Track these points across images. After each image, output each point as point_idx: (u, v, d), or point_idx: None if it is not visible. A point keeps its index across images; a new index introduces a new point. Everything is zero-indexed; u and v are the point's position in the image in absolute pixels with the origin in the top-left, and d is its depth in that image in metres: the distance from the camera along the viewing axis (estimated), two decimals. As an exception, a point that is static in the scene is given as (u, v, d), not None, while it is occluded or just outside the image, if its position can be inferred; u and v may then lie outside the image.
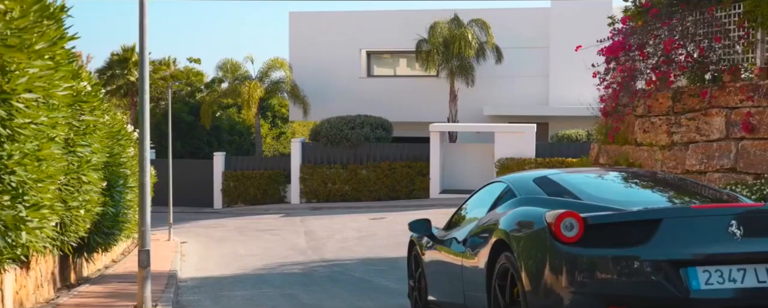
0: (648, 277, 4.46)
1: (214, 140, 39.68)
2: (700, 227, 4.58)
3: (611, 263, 4.53)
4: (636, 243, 4.54)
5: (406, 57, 35.00)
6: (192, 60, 41.67)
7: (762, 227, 4.60)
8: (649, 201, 5.21)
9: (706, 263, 4.48)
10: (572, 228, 4.60)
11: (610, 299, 4.48)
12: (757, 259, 4.47)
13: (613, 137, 13.98)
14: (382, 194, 30.15)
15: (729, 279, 4.45)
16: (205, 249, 20.18)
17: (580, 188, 5.47)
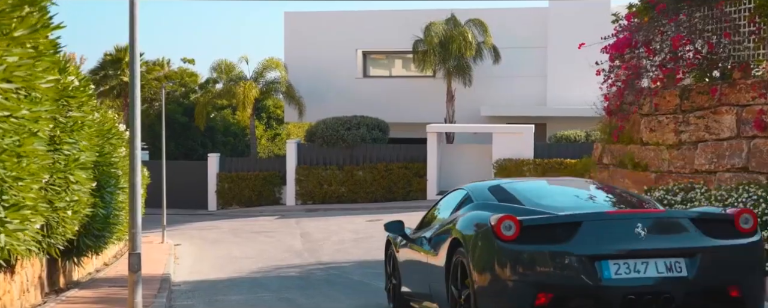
0: (570, 268, 5.48)
1: (208, 142, 39.25)
2: (612, 228, 5.64)
3: (541, 257, 5.57)
4: (561, 240, 5.59)
5: (403, 57, 34.64)
6: (186, 61, 41.32)
7: (662, 229, 5.69)
8: (578, 207, 6.23)
9: (615, 257, 5.49)
10: (510, 229, 5.64)
11: (540, 286, 5.50)
12: (657, 254, 5.51)
13: (617, 136, 13.64)
14: (379, 196, 29.78)
15: (634, 271, 5.49)
16: (200, 251, 19.79)
17: (524, 195, 6.53)
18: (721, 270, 5.60)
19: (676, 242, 5.66)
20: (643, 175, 12.79)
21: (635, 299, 5.40)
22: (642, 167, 12.81)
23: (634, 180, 13.09)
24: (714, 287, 5.60)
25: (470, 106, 32.20)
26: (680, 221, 5.87)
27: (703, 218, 5.86)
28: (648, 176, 12.63)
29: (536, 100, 32.94)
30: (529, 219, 5.78)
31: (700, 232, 5.69)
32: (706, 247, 5.62)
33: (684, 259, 5.53)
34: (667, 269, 5.50)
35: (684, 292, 5.48)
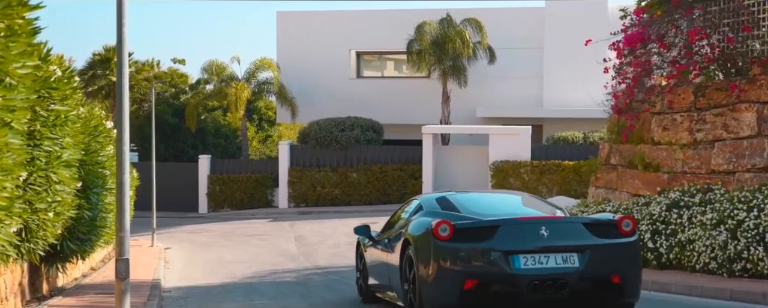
0: (490, 261, 6.89)
1: (199, 143, 38.56)
2: (523, 230, 7.03)
3: (469, 252, 6.98)
4: (484, 239, 6.99)
5: (397, 58, 34.06)
6: (176, 61, 40.63)
7: (560, 231, 7.04)
8: (500, 214, 7.52)
9: (524, 252, 6.86)
10: (446, 231, 7.01)
11: (467, 275, 6.88)
12: (556, 250, 6.89)
13: (627, 135, 13.13)
14: (373, 198, 29.19)
15: (538, 262, 6.88)
16: (190, 255, 19.17)
17: (462, 204, 7.91)
18: (605, 262, 7.03)
19: (571, 241, 7.03)
20: (654, 176, 12.28)
21: (539, 284, 6.83)
22: (653, 167, 12.30)
23: (644, 181, 12.58)
24: (600, 275, 7.01)
25: (466, 107, 31.66)
26: (575, 225, 7.38)
27: (593, 223, 7.29)
28: (660, 177, 12.12)
29: (532, 101, 32.43)
30: (460, 223, 7.17)
31: (590, 233, 7.09)
32: (594, 245, 7.02)
33: (576, 254, 6.94)
34: (563, 261, 6.91)
35: (576, 279, 6.88)
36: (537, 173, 27.35)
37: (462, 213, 7.57)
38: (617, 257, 7.06)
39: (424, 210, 7.98)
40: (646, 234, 10.81)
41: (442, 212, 7.69)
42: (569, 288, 6.80)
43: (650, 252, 10.75)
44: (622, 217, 7.27)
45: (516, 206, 8.07)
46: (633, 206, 11.57)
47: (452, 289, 6.89)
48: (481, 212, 7.52)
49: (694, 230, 9.90)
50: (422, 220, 7.52)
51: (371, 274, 8.98)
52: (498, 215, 7.40)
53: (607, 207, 12.25)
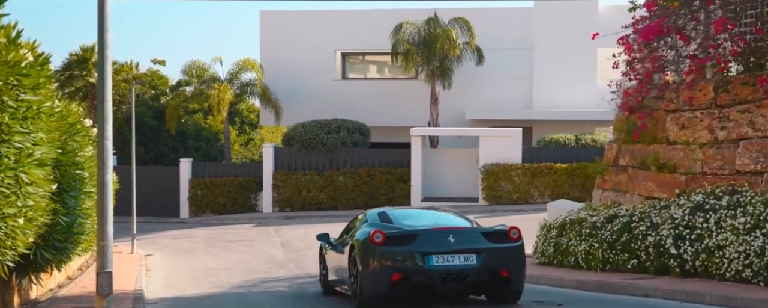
0: (411, 260, 8.84)
1: (179, 146, 37.53)
2: (436, 237, 8.99)
3: (396, 254, 8.92)
4: (408, 244, 8.96)
5: (384, 58, 33.25)
6: (156, 62, 39.50)
7: (463, 238, 9.02)
8: (423, 225, 9.49)
9: (436, 253, 8.83)
10: (379, 238, 8.94)
11: (394, 270, 8.83)
12: (459, 252, 8.88)
13: (638, 135, 12.40)
14: (360, 202, 28.36)
15: (446, 261, 8.87)
16: (173, 262, 18.26)
17: (396, 217, 9.91)
18: (496, 260, 9.07)
19: (471, 245, 9.05)
20: (670, 177, 11.57)
21: (446, 277, 8.85)
22: (669, 168, 11.59)
23: (659, 183, 11.87)
24: (492, 270, 9.09)
25: (454, 109, 30.95)
26: (475, 233, 9.32)
27: (488, 232, 9.38)
28: (676, 179, 11.41)
29: (522, 103, 31.79)
30: (390, 232, 9.18)
31: (486, 240, 9.17)
32: (488, 248, 9.10)
33: (475, 255, 8.99)
34: (465, 260, 8.94)
35: (474, 273, 8.93)
36: (528, 176, 26.68)
37: (394, 225, 9.64)
38: (506, 257, 9.19)
39: (367, 222, 10.01)
40: (667, 240, 10.09)
41: (380, 223, 9.76)
42: (469, 280, 8.96)
43: (673, 259, 10.03)
44: (510, 227, 9.43)
45: (436, 219, 10.11)
46: (649, 209, 10.86)
47: (383, 281, 8.95)
48: (408, 224, 9.67)
49: (724, 235, 9.19)
50: (364, 230, 9.48)
51: (330, 272, 11.02)
52: (420, 226, 9.53)
53: (621, 211, 11.53)
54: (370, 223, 9.76)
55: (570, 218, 12.94)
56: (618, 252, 11.19)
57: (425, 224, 9.55)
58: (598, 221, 11.85)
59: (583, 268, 12.07)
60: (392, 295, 8.99)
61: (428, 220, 9.90)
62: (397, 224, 9.57)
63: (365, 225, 9.72)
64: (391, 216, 9.94)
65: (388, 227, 9.31)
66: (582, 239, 12.11)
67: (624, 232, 11.06)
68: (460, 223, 9.72)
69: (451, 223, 9.69)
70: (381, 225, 9.46)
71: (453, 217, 10.17)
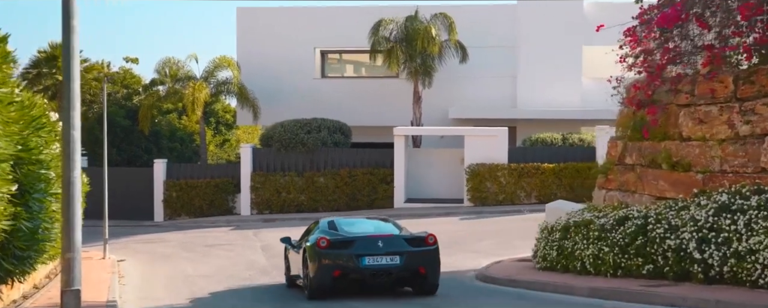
0: (349, 260, 11.11)
1: (153, 147, 36.33)
2: (368, 242, 11.24)
3: (337, 255, 11.19)
4: (346, 248, 11.23)
5: (364, 56, 32.35)
6: (129, 60, 38.30)
7: (390, 243, 11.25)
8: (360, 232, 11.70)
9: (368, 255, 11.06)
10: (324, 242, 11.21)
11: (335, 268, 11.07)
12: (386, 254, 11.08)
13: (648, 132, 11.65)
14: (342, 204, 27.48)
15: (376, 261, 11.06)
16: (148, 268, 17.26)
17: (341, 226, 12.06)
18: (415, 261, 11.16)
19: (395, 249, 11.18)
20: (684, 176, 10.82)
21: (375, 273, 10.99)
22: (683, 166, 10.84)
23: (672, 182, 11.12)
24: (412, 268, 11.18)
25: (437, 108, 30.17)
26: (399, 239, 11.42)
27: (410, 238, 11.49)
28: (692, 178, 10.67)
29: (506, 102, 31.07)
30: (333, 238, 11.37)
31: (407, 244, 11.33)
32: (409, 251, 11.23)
33: (398, 256, 11.11)
34: (390, 260, 11.07)
35: (397, 271, 11.10)
36: (515, 176, 25.95)
37: (338, 232, 11.79)
38: (423, 258, 11.29)
39: (319, 228, 12.15)
40: (690, 243, 9.32)
41: (327, 230, 11.92)
42: (393, 276, 11.18)
43: (697, 264, 9.27)
44: (428, 234, 11.67)
45: (372, 227, 12.14)
46: (665, 210, 10.09)
47: (327, 276, 11.13)
48: (349, 231, 11.84)
49: (758, 238, 8.44)
50: (315, 236, 11.62)
51: (292, 269, 12.82)
52: (357, 233, 11.66)
53: (632, 212, 10.77)
54: (320, 230, 12.06)
55: (574, 219, 12.17)
56: (631, 256, 10.42)
57: (362, 232, 11.80)
58: (607, 223, 11.08)
59: (591, 273, 11.30)
60: (334, 288, 11.33)
61: (366, 228, 12.12)
62: (341, 231, 11.90)
63: (317, 231, 12.04)
64: (337, 225, 12.23)
65: (332, 234, 11.66)
66: (590, 242, 11.34)
67: (638, 235, 10.29)
68: (391, 231, 11.92)
69: (383, 231, 11.87)
70: (328, 232, 11.80)
71: (386, 225, 12.38)
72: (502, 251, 17.03)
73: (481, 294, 11.51)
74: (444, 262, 15.42)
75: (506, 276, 12.43)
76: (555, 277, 11.66)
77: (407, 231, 12.06)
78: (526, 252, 16.02)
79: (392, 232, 11.71)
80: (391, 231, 11.80)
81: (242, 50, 32.20)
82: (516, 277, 12.20)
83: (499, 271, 13.30)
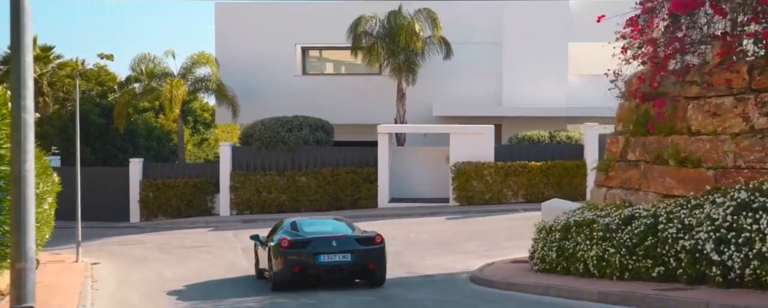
0: (307, 257, 12.55)
1: (129, 146, 35.36)
2: (324, 242, 12.68)
3: (297, 254, 12.59)
4: (305, 247, 12.66)
5: (346, 53, 31.60)
6: (104, 56, 37.30)
7: (343, 243, 12.67)
8: (317, 233, 13.16)
9: (323, 253, 12.50)
10: (285, 242, 12.60)
11: (295, 264, 12.47)
12: (339, 252, 12.52)
13: (654, 126, 11.04)
14: (324, 204, 26.74)
15: (330, 258, 12.49)
16: (123, 272, 16.44)
17: (301, 226, 13.45)
18: (365, 258, 12.57)
19: (347, 247, 12.61)
20: (694, 173, 10.22)
21: (330, 269, 12.47)
22: (692, 162, 10.24)
23: (680, 179, 10.52)
24: (362, 265, 12.62)
25: (421, 105, 29.52)
26: (351, 239, 12.82)
27: (360, 238, 12.88)
28: (702, 174, 10.07)
29: (491, 99, 30.47)
30: (293, 238, 12.79)
31: (358, 243, 12.72)
32: (358, 249, 12.62)
33: (349, 254, 12.53)
34: (343, 258, 12.50)
35: (349, 266, 12.57)
36: (501, 175, 25.34)
37: (299, 232, 13.11)
38: (371, 255, 12.56)
39: (283, 228, 13.43)
40: (706, 244, 8.71)
41: (290, 230, 13.22)
42: (345, 271, 12.51)
43: (715, 266, 8.66)
44: (375, 234, 12.92)
45: (329, 227, 13.46)
46: (676, 209, 9.48)
47: (288, 271, 12.46)
48: (308, 231, 13.15)
49: (784, 238, 7.85)
50: (278, 235, 12.96)
51: (260, 263, 14.11)
52: (315, 233, 12.97)
53: (639, 211, 10.15)
54: (283, 230, 13.43)
55: (574, 219, 11.54)
56: (640, 257, 9.80)
57: (319, 232, 13.19)
58: (612, 222, 10.46)
59: (595, 276, 10.67)
60: (294, 281, 12.68)
61: (323, 228, 13.50)
62: (301, 231, 13.24)
63: (281, 231, 13.42)
64: (298, 225, 13.56)
65: (293, 235, 13.03)
66: (593, 243, 10.71)
67: (648, 235, 9.67)
68: (344, 231, 13.28)
69: (338, 231, 13.24)
70: (289, 233, 13.18)
71: (341, 226, 13.71)
72: (493, 251, 16.42)
73: (481, 300, 10.82)
74: (433, 263, 14.88)
75: (503, 279, 11.77)
76: (557, 280, 11.01)
77: (359, 230, 13.47)
78: (517, 253, 15.41)
79: (345, 232, 13.13)
80: (344, 231, 13.23)
81: (221, 47, 31.36)
82: (514, 280, 11.54)
83: (494, 273, 12.65)
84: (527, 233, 19.20)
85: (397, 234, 20.18)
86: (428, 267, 14.87)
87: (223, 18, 31.53)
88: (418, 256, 16.45)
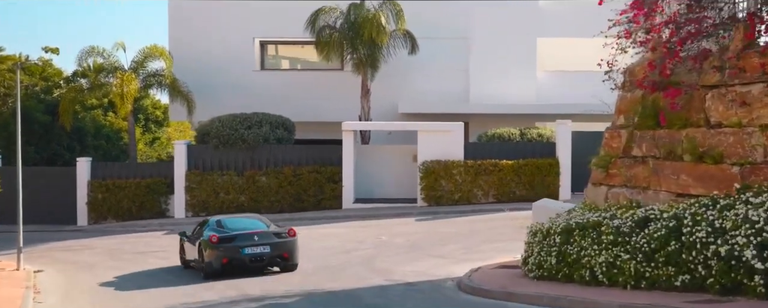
0: (233, 251, 14.74)
1: (76, 145, 33.46)
2: (247, 237, 14.98)
3: (225, 247, 14.78)
4: (231, 242, 14.89)
5: (308, 47, 30.26)
6: (48, 50, 35.29)
7: (263, 237, 15.00)
8: (241, 229, 15.33)
9: (247, 246, 14.76)
10: (215, 239, 14.74)
11: (224, 256, 14.64)
12: (260, 245, 14.81)
13: (665, 118, 10.01)
14: (286, 205, 25.40)
15: (253, 250, 14.77)
16: (69, 281, 14.98)
17: (226, 224, 15.64)
18: (281, 248, 14.90)
19: (266, 240, 14.88)
20: (715, 169, 9.20)
21: (253, 259, 14.65)
22: (713, 158, 9.22)
23: (698, 177, 9.49)
24: (278, 254, 14.88)
25: (386, 102, 28.34)
26: (269, 234, 15.11)
27: (276, 232, 15.26)
28: (726, 171, 9.05)
29: (458, 96, 29.40)
30: (221, 235, 14.94)
31: (275, 237, 15.05)
32: (275, 242, 14.93)
33: (268, 246, 14.79)
34: (263, 249, 14.75)
35: (268, 257, 14.78)
36: (472, 174, 24.29)
37: (225, 229, 15.19)
38: (286, 246, 14.84)
39: (209, 226, 15.44)
40: (745, 250, 7.67)
41: (216, 228, 15.27)
42: (266, 261, 14.67)
43: (756, 275, 7.62)
44: (289, 228, 15.38)
45: (251, 224, 15.60)
46: (701, 210, 8.44)
47: (219, 262, 14.50)
48: (233, 228, 15.28)
49: None
50: (208, 232, 14.98)
51: (186, 255, 15.92)
52: (239, 230, 15.11)
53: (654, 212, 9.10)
54: (210, 228, 15.37)
55: (577, 221, 10.45)
56: (660, 264, 8.74)
57: (242, 228, 15.28)
58: (624, 225, 9.39)
59: (604, 284, 9.60)
60: (224, 270, 14.48)
61: (246, 225, 15.60)
62: (227, 228, 15.29)
63: (208, 229, 15.32)
64: (223, 223, 15.66)
65: (220, 231, 15.06)
66: (602, 248, 9.63)
67: (670, 239, 8.62)
68: (263, 227, 15.42)
69: (257, 228, 15.39)
70: (217, 230, 15.15)
71: (260, 222, 15.93)
72: (471, 255, 15.35)
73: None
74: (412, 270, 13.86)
75: (500, 288, 10.61)
76: (561, 289, 9.90)
77: (275, 226, 15.73)
78: (499, 257, 14.38)
79: (264, 228, 15.39)
80: (263, 227, 15.47)
81: (175, 40, 29.76)
82: (513, 289, 10.39)
83: (485, 281, 11.50)
84: (505, 235, 18.27)
85: (366, 237, 19.01)
86: (408, 273, 13.70)
87: (177, 9, 29.93)
88: (393, 261, 15.29)
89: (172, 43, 29.76)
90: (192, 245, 15.45)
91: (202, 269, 14.64)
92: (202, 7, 29.69)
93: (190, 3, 29.88)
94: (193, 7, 29.72)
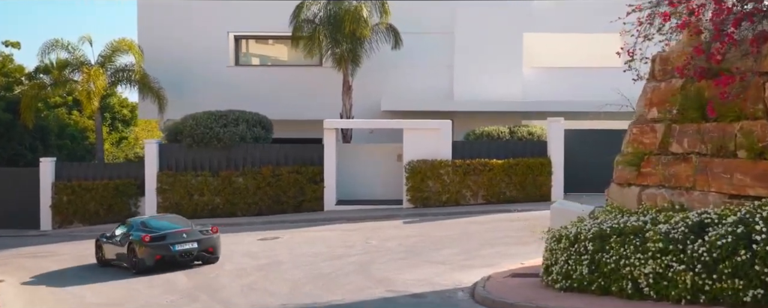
0: (164, 248, 16.11)
1: (39, 145, 31.70)
2: (176, 235, 16.43)
3: (157, 245, 16.14)
4: (162, 240, 16.26)
5: (286, 42, 28.88)
6: (9, 44, 33.44)
7: (190, 235, 16.46)
8: (169, 228, 16.75)
9: (177, 243, 16.19)
10: (147, 238, 16.14)
11: (156, 253, 16.03)
12: (188, 242, 16.27)
13: (714, 110, 8.88)
14: (264, 207, 24.00)
15: (182, 247, 16.16)
16: (32, 293, 13.47)
17: (151, 224, 17.09)
18: (206, 244, 16.33)
19: (194, 238, 16.28)
20: (780, 167, 8.09)
21: (183, 255, 16.06)
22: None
23: (757, 175, 8.35)
24: (204, 249, 16.29)
25: (368, 99, 27.05)
26: (195, 231, 16.49)
27: (201, 230, 16.63)
28: (791, 168, 7.95)
29: (442, 92, 28.20)
30: (152, 234, 16.23)
31: (201, 234, 16.40)
32: (201, 238, 16.34)
33: (196, 242, 16.22)
34: (191, 245, 16.16)
35: (195, 252, 16.18)
36: (460, 174, 23.08)
37: (152, 229, 16.64)
38: (211, 242, 16.43)
39: (133, 227, 16.95)
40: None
41: (143, 228, 16.68)
42: (194, 255, 16.21)
43: None
44: (212, 226, 16.88)
45: (175, 223, 17.19)
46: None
47: (151, 259, 15.95)
48: (160, 227, 16.74)
49: None
50: (136, 233, 16.42)
51: (106, 255, 17.21)
52: (167, 229, 16.62)
53: (710, 216, 7.96)
54: (135, 228, 16.67)
55: (611, 226, 9.28)
56: (724, 277, 7.60)
57: (170, 228, 16.56)
58: (675, 231, 8.24)
59: (651, 298, 8.45)
60: (156, 266, 15.74)
61: (172, 224, 16.89)
62: (154, 228, 16.55)
63: (133, 229, 16.61)
64: (148, 223, 16.93)
65: (150, 231, 16.32)
66: (648, 256, 8.47)
67: (738, 248, 7.47)
68: (188, 227, 16.71)
69: (183, 226, 16.72)
70: (144, 230, 16.37)
71: (183, 221, 17.45)
72: (473, 261, 14.17)
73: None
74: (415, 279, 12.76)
75: (527, 302, 9.40)
76: (600, 303, 8.72)
77: (198, 225, 16.98)
78: (504, 263, 13.23)
79: (189, 227, 16.71)
80: (189, 226, 16.81)
81: (145, 34, 28.17)
82: (542, 303, 9.19)
83: (504, 292, 10.29)
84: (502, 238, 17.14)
85: (355, 241, 17.72)
86: (410, 282, 12.45)
87: (148, 4, 28.37)
88: (390, 268, 14.03)
89: (142, 36, 28.18)
90: (113, 245, 16.99)
91: (134, 265, 16.09)
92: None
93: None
94: (165, 1, 28.22)
